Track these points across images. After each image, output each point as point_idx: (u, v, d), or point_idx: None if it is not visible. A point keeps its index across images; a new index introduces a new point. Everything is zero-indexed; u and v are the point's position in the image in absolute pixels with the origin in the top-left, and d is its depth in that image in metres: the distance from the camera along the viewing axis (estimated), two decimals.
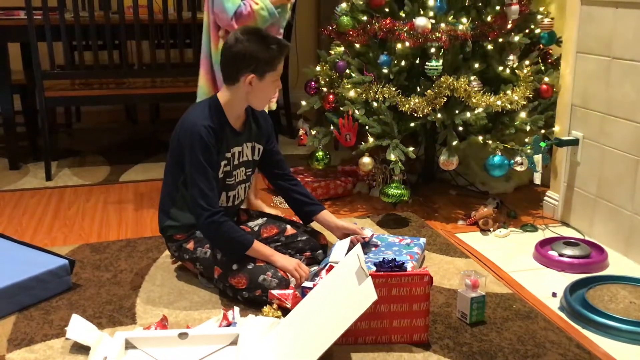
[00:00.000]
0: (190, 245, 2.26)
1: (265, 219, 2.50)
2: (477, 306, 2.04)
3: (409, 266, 2.26)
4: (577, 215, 2.88)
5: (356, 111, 2.98)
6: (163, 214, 2.31)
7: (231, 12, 2.55)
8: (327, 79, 3.23)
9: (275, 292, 2.10)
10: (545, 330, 2.03)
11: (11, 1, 3.99)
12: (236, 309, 2.08)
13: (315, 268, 2.32)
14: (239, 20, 2.56)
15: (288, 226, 2.46)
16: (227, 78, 2.20)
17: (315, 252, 2.43)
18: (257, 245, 2.19)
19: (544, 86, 3.01)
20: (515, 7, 2.96)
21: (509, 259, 2.59)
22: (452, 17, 2.95)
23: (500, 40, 3.01)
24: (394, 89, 2.94)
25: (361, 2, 3.10)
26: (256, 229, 2.45)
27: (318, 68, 3.31)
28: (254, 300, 2.14)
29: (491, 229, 2.85)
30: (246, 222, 2.48)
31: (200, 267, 2.26)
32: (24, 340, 1.96)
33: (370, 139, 2.99)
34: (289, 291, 2.10)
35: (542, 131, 3.03)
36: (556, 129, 2.99)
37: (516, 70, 2.99)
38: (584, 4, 2.75)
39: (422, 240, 2.56)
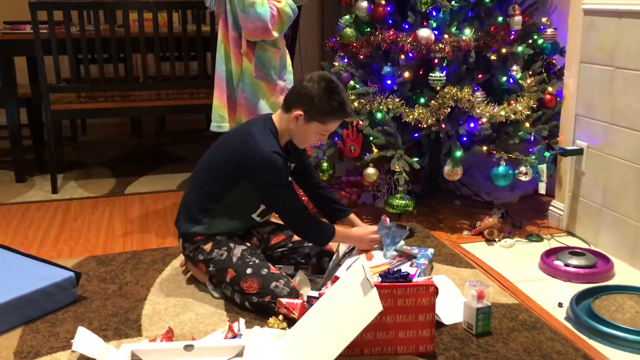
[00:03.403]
0: (207, 247, 2.28)
1: (273, 226, 2.53)
2: (483, 317, 2.03)
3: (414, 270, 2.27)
4: (583, 225, 2.88)
5: (360, 122, 2.99)
6: (190, 221, 2.31)
7: (267, 15, 2.56)
8: None
9: (284, 300, 2.10)
10: (551, 341, 2.02)
11: (17, 15, 4.03)
12: (242, 320, 2.08)
13: (320, 278, 2.34)
14: (271, 23, 2.58)
15: None
16: (284, 103, 2.27)
17: (321, 258, 2.47)
18: (338, 230, 2.35)
19: (548, 96, 3.02)
20: (518, 18, 2.98)
21: (515, 269, 2.58)
22: (455, 28, 2.96)
23: (504, 50, 3.02)
24: (397, 99, 2.95)
25: (364, 14, 3.12)
26: (265, 236, 2.49)
27: None
28: (262, 306, 2.15)
29: (496, 239, 2.85)
30: (256, 228, 2.50)
31: (213, 270, 2.27)
32: (30, 353, 1.96)
33: (375, 150, 2.99)
34: (298, 301, 2.10)
35: (547, 141, 3.03)
36: (560, 138, 2.99)
37: (520, 81, 3.00)
38: (587, 14, 2.76)
39: (430, 251, 2.56)
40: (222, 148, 2.31)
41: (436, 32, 2.90)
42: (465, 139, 2.94)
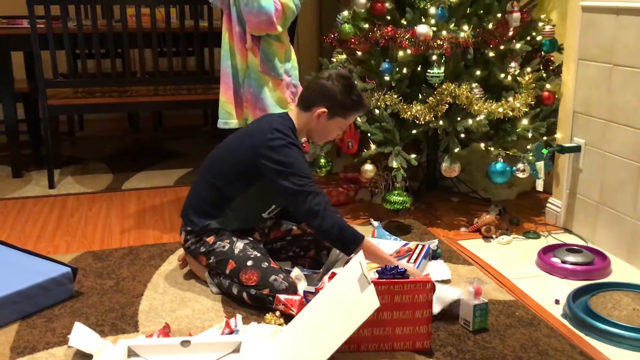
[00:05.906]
0: (210, 239, 2.29)
1: (273, 221, 2.54)
2: (480, 313, 2.03)
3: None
4: (580, 222, 2.88)
5: (358, 118, 2.99)
6: (205, 216, 2.29)
7: (271, 9, 2.56)
8: None
9: (282, 296, 2.10)
10: (548, 338, 2.02)
11: (14, 10, 4.01)
12: (238, 316, 2.08)
13: (317, 273, 2.34)
14: (275, 17, 2.57)
15: (294, 227, 2.53)
16: (302, 103, 2.32)
17: (319, 252, 2.48)
18: (368, 243, 2.18)
19: (546, 93, 3.02)
20: (516, 15, 2.97)
21: (512, 266, 2.59)
22: (453, 24, 2.96)
23: (502, 47, 3.01)
24: (395, 96, 2.95)
25: (363, 10, 3.11)
26: (267, 230, 2.50)
27: None
28: (259, 299, 2.16)
29: (494, 236, 2.85)
30: (258, 223, 2.49)
31: (214, 261, 2.27)
32: (27, 348, 1.96)
33: (373, 146, 2.99)
34: (296, 297, 2.10)
35: (544, 138, 3.03)
36: (558, 135, 2.99)
37: (518, 78, 3.00)
38: (585, 11, 2.75)
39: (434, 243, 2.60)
40: (239, 146, 2.29)
41: (434, 29, 2.90)
42: (463, 135, 2.94)
